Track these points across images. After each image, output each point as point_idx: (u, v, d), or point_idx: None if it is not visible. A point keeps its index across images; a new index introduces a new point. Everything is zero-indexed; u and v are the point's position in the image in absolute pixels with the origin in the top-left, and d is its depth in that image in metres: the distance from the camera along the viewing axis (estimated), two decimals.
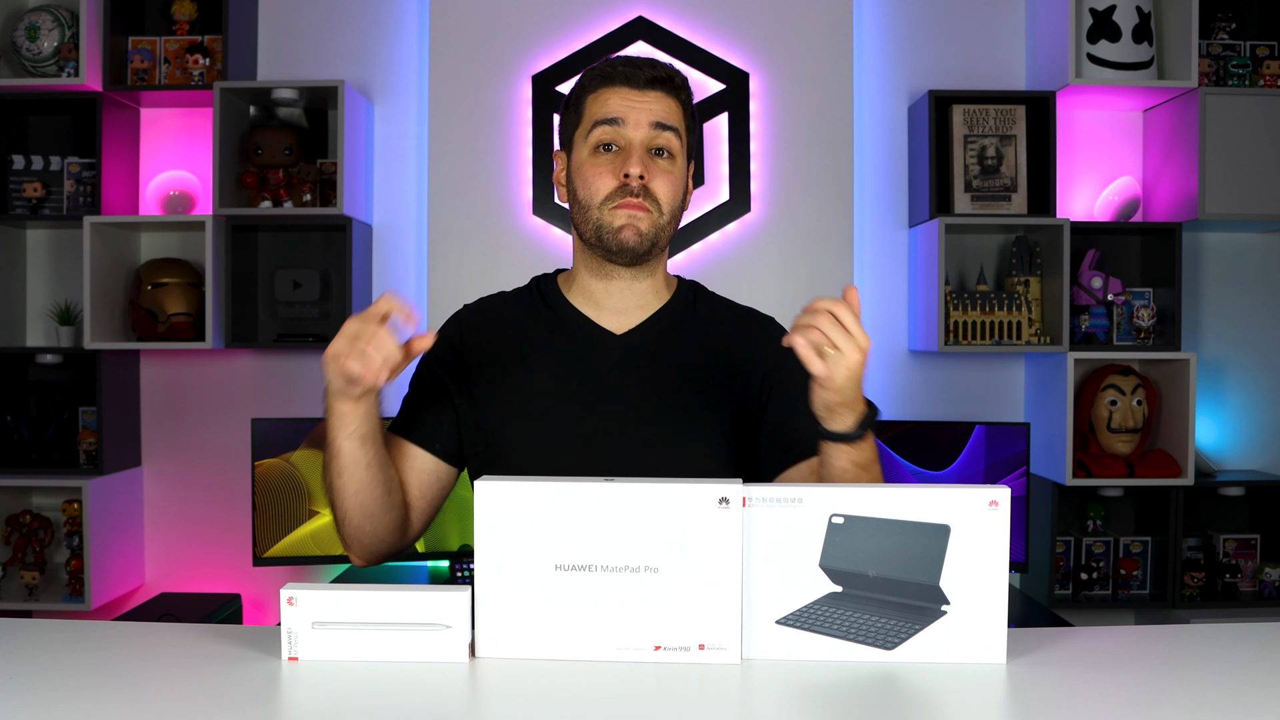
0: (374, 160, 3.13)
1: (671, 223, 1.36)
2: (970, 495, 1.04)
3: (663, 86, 1.35)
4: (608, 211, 1.33)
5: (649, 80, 1.34)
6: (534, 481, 1.06)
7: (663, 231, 1.35)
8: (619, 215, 1.32)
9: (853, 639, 1.04)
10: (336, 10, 3.12)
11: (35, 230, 3.12)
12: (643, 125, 1.33)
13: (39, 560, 2.95)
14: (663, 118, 1.33)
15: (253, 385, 3.13)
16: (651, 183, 1.32)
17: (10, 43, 2.91)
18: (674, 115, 1.35)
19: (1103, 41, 2.89)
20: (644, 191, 1.32)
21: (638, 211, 1.32)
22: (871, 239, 3.13)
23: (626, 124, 1.33)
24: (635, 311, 1.40)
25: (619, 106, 1.33)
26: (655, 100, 1.34)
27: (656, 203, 1.33)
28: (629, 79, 1.34)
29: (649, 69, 1.35)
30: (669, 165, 1.34)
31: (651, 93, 1.34)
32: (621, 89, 1.34)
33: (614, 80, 1.34)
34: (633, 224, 1.32)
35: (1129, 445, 2.89)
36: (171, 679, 1.02)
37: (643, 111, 1.33)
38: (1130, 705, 0.95)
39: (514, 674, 1.02)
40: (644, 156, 1.33)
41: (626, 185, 1.32)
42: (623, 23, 3.01)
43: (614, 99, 1.33)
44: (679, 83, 1.37)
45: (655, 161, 1.34)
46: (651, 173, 1.33)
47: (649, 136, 1.33)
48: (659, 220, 1.34)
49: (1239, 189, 2.85)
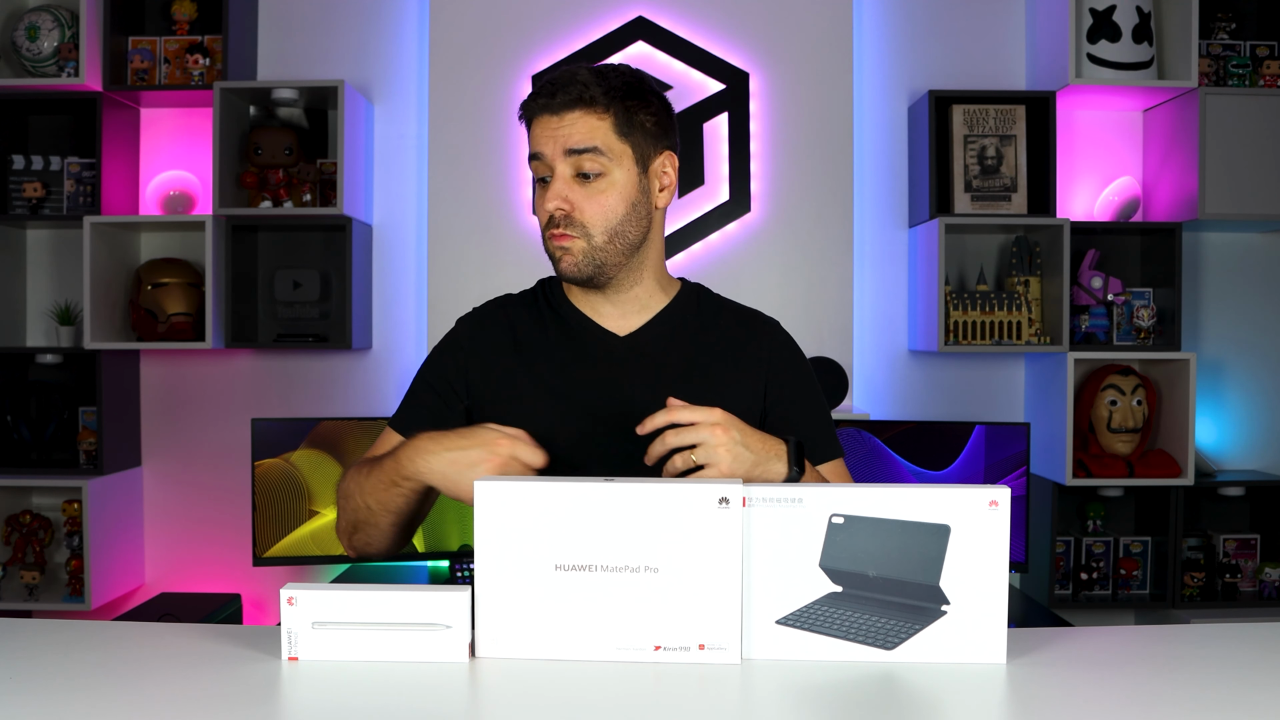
0: (374, 160, 3.13)
1: (613, 241, 1.33)
2: (970, 495, 1.04)
3: (580, 105, 1.31)
4: (549, 242, 1.34)
5: (566, 103, 1.31)
6: (534, 481, 1.06)
7: (601, 253, 1.33)
8: (554, 247, 1.34)
9: (853, 639, 1.04)
10: (336, 10, 3.12)
11: (35, 230, 3.12)
12: (559, 155, 1.31)
13: (39, 560, 2.95)
14: (579, 142, 1.30)
15: (253, 385, 3.13)
16: (576, 210, 1.32)
17: (10, 43, 2.91)
18: (596, 134, 1.31)
19: (1103, 41, 2.89)
20: (567, 221, 1.32)
21: (564, 242, 1.32)
22: (871, 239, 3.13)
23: (546, 155, 1.32)
24: (637, 314, 1.41)
25: (539, 138, 1.33)
26: (573, 123, 1.31)
27: (584, 228, 1.32)
28: (547, 107, 1.32)
29: (564, 91, 1.31)
30: (597, 185, 1.32)
31: (569, 114, 1.31)
32: (542, 118, 1.33)
33: (535, 110, 1.33)
34: (566, 254, 1.33)
35: (1129, 445, 2.89)
36: (171, 679, 1.02)
37: (559, 140, 1.31)
38: (1130, 705, 0.95)
39: (514, 674, 1.02)
40: (566, 185, 1.32)
41: (553, 217, 1.32)
42: (623, 23, 3.01)
43: (536, 130, 1.33)
44: (600, 92, 1.31)
45: (582, 186, 1.32)
46: (575, 199, 1.32)
47: (572, 164, 1.31)
48: (592, 244, 1.32)
49: (1239, 189, 2.85)
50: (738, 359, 1.40)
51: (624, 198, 1.34)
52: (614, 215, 1.33)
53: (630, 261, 1.37)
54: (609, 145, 1.32)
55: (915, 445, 2.76)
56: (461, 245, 2.98)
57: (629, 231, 1.35)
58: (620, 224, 1.34)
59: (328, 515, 2.77)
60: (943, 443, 2.76)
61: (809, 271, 2.99)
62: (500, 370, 1.39)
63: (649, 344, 1.39)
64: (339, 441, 2.77)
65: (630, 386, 1.36)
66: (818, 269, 2.99)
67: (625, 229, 1.34)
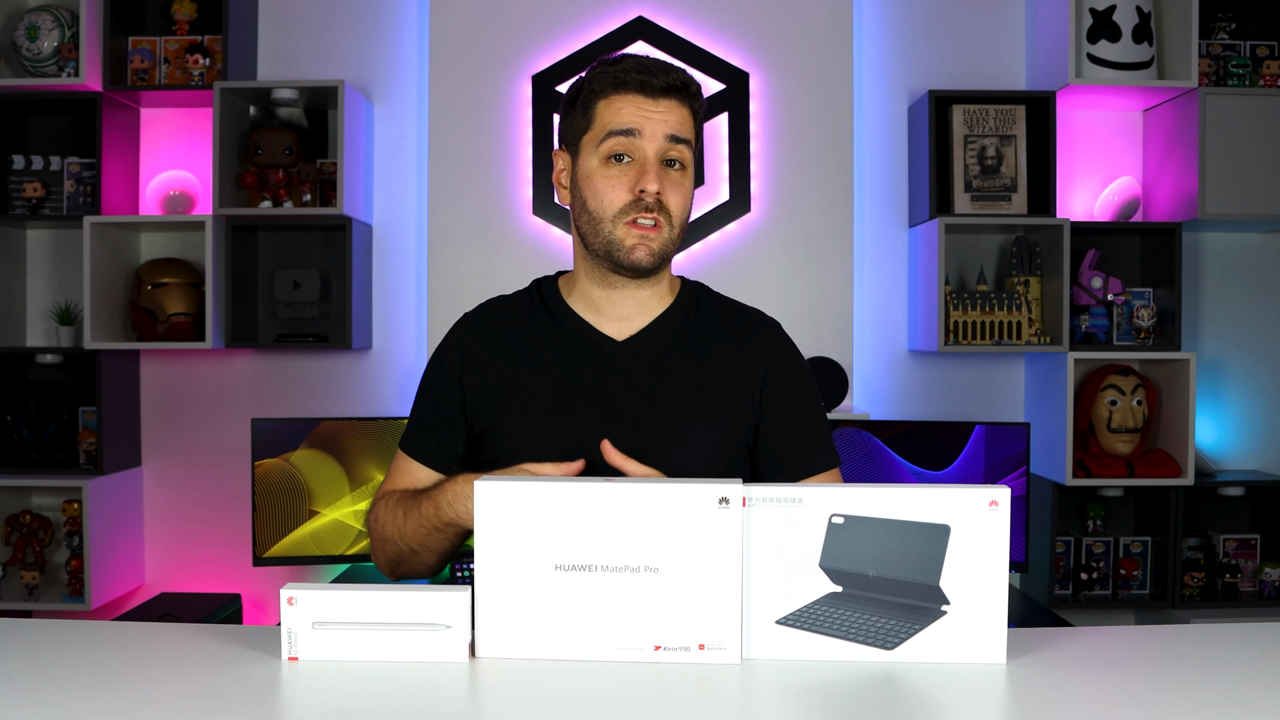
0: (374, 160, 3.13)
1: (681, 233, 1.34)
2: (970, 495, 1.03)
3: (677, 95, 1.31)
4: (621, 227, 1.30)
5: (664, 89, 1.30)
6: (534, 481, 1.06)
7: (672, 244, 1.33)
8: (631, 234, 1.30)
9: (853, 639, 1.04)
10: (336, 10, 3.12)
11: (35, 230, 3.12)
12: (658, 137, 1.29)
13: (39, 560, 2.95)
14: (677, 129, 1.30)
15: (253, 385, 3.13)
16: (665, 197, 1.30)
17: (10, 43, 2.91)
18: (686, 126, 1.32)
19: (1103, 41, 2.89)
20: (658, 206, 1.30)
21: (650, 232, 1.30)
22: (871, 239, 3.13)
23: (642, 135, 1.29)
24: (637, 317, 1.39)
25: (633, 117, 1.29)
26: (669, 110, 1.30)
27: (669, 216, 1.31)
28: (644, 87, 1.29)
29: (663, 76, 1.30)
30: (681, 177, 1.32)
31: (665, 101, 1.30)
32: (636, 97, 1.30)
33: (628, 87, 1.30)
34: (645, 244, 1.31)
35: (1129, 445, 2.89)
36: (171, 679, 1.02)
37: (658, 123, 1.29)
38: (1130, 705, 0.95)
39: (514, 674, 1.02)
40: (659, 170, 1.30)
41: (641, 200, 1.29)
42: (623, 23, 3.01)
43: (628, 108, 1.29)
44: (694, 90, 1.33)
45: (668, 174, 1.31)
46: (665, 186, 1.30)
47: (663, 149, 1.30)
48: (670, 235, 1.32)
49: (1239, 189, 2.85)
50: (735, 365, 1.38)
51: (691, 194, 1.36)
52: (687, 209, 1.35)
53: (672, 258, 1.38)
54: (693, 140, 1.34)
55: (915, 445, 2.76)
56: (461, 245, 2.98)
57: (686, 228, 1.37)
58: (686, 219, 1.36)
59: (328, 515, 2.77)
60: (943, 443, 2.76)
61: (809, 271, 2.99)
62: (496, 377, 1.37)
63: (646, 350, 1.37)
64: (339, 441, 2.77)
65: (626, 393, 1.34)
66: (818, 269, 2.99)
67: (687, 225, 1.37)
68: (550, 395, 1.34)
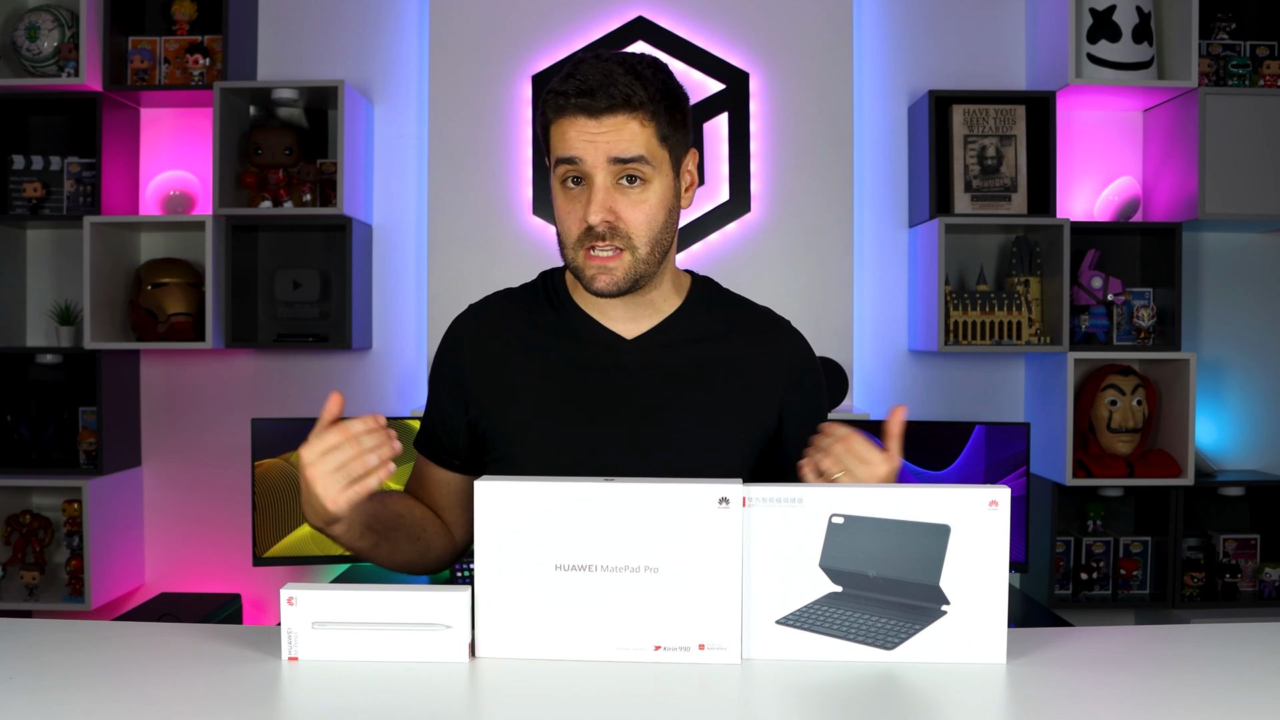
0: (374, 160, 3.13)
1: (654, 250, 1.27)
2: (970, 495, 1.04)
3: (624, 109, 1.22)
4: (580, 255, 1.26)
5: (608, 106, 1.22)
6: (534, 481, 1.06)
7: (643, 264, 1.26)
8: (590, 265, 1.25)
9: (853, 639, 1.04)
10: (336, 10, 3.12)
11: (35, 230, 3.12)
12: (601, 163, 1.22)
13: (39, 560, 2.95)
14: (623, 150, 1.22)
15: (253, 385, 3.13)
16: (620, 219, 1.24)
17: (10, 43, 2.91)
18: (638, 140, 1.23)
19: (1103, 41, 2.89)
20: (611, 232, 1.24)
21: (608, 261, 1.24)
22: (871, 239, 3.13)
23: (585, 162, 1.23)
24: (647, 317, 1.35)
25: (576, 143, 1.22)
26: (615, 129, 1.22)
27: (629, 239, 1.25)
28: (586, 109, 1.22)
29: (604, 94, 1.21)
30: (642, 194, 1.25)
31: (610, 119, 1.22)
32: (578, 120, 1.22)
33: (570, 110, 1.23)
34: (604, 274, 1.25)
35: (1129, 445, 2.89)
36: (171, 679, 1.02)
37: (601, 146, 1.22)
38: (1130, 705, 0.95)
39: (514, 674, 1.02)
40: (609, 193, 1.23)
41: (593, 230, 1.23)
42: (623, 23, 3.01)
43: (571, 133, 1.23)
44: (643, 98, 1.23)
45: (626, 194, 1.24)
46: (622, 208, 1.24)
47: (614, 171, 1.23)
48: (636, 259, 1.26)
49: (1239, 189, 2.85)
50: (753, 369, 1.36)
51: (664, 204, 1.27)
52: (656, 223, 1.27)
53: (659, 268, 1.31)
54: (652, 152, 1.25)
55: (915, 445, 2.76)
56: (461, 245, 2.98)
57: (665, 239, 1.29)
58: (660, 232, 1.28)
59: None
60: (943, 443, 2.76)
61: (809, 271, 2.99)
62: (498, 372, 1.35)
63: (658, 349, 1.34)
64: None
65: (636, 392, 1.31)
66: (818, 269, 2.99)
67: (663, 236, 1.28)
68: (560, 394, 1.32)
